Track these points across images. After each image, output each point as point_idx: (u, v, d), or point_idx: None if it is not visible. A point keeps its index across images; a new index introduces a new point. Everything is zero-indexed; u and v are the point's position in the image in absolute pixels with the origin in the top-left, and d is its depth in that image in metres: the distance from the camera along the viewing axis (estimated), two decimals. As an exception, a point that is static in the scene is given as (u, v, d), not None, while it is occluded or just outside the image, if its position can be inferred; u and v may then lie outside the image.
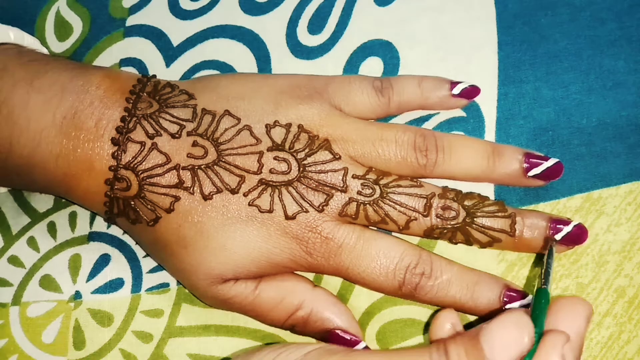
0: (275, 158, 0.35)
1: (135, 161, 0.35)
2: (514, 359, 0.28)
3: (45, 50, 0.42)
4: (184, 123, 0.36)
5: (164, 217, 0.35)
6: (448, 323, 0.32)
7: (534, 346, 0.28)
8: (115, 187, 0.35)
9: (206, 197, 0.35)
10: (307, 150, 0.35)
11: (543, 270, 0.33)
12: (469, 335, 0.29)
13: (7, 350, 0.39)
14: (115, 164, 0.35)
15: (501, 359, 0.28)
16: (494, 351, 0.28)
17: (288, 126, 0.36)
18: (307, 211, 0.35)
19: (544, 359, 0.28)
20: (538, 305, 0.31)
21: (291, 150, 0.35)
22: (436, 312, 0.36)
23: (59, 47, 0.45)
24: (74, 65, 0.38)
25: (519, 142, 0.38)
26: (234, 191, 0.35)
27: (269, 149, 0.35)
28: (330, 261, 0.35)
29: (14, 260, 0.41)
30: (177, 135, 0.35)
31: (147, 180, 0.35)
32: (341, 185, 0.35)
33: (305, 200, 0.35)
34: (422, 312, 0.36)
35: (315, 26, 0.42)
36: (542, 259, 0.34)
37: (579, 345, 0.30)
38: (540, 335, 0.29)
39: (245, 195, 0.35)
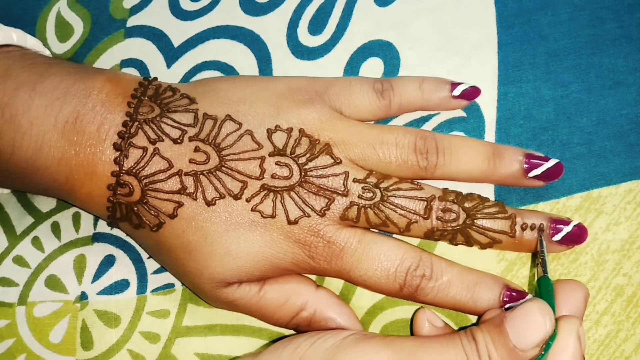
0: (277, 163, 0.35)
1: (138, 167, 0.35)
2: (537, 343, 0.30)
3: (47, 52, 0.42)
4: (186, 128, 0.36)
5: (168, 222, 0.35)
6: (425, 322, 0.35)
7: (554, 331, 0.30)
8: (118, 192, 0.35)
9: (209, 203, 0.35)
10: (308, 155, 0.36)
11: (540, 261, 0.34)
12: (494, 322, 0.31)
13: (16, 350, 0.40)
14: (118, 169, 0.35)
15: (526, 344, 0.30)
16: (519, 337, 0.30)
17: (289, 131, 0.36)
18: (309, 215, 0.35)
19: (565, 342, 0.30)
20: (546, 293, 0.32)
21: (292, 155, 0.36)
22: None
23: (59, 48, 0.44)
24: (76, 68, 0.38)
25: (519, 142, 0.38)
26: (236, 197, 0.35)
27: (271, 154, 0.36)
28: (332, 264, 0.35)
29: (19, 260, 0.41)
30: (179, 141, 0.35)
31: (150, 185, 0.35)
32: (342, 190, 0.35)
33: (307, 205, 0.35)
34: (423, 312, 0.37)
35: (315, 27, 0.42)
36: (537, 249, 0.35)
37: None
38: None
39: (247, 200, 0.35)
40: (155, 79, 0.39)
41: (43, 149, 0.35)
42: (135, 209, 0.35)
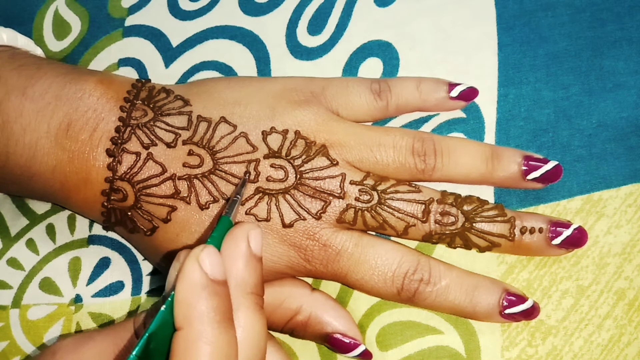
0: (272, 165, 0.35)
1: (131, 172, 0.35)
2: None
3: (39, 51, 0.41)
4: (179, 131, 0.35)
5: (162, 227, 0.35)
6: None
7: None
8: (112, 198, 0.35)
9: (203, 207, 0.34)
10: (304, 157, 0.35)
11: (230, 202, 0.33)
12: None
13: (9, 352, 0.39)
14: (111, 175, 0.35)
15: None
16: None
17: (285, 132, 0.35)
18: (304, 219, 0.35)
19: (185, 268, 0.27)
20: (218, 232, 0.30)
21: (288, 157, 0.35)
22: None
23: (57, 46, 0.44)
24: (66, 69, 0.37)
25: (519, 143, 0.38)
26: None
27: (266, 157, 0.35)
28: (328, 267, 0.35)
29: (13, 263, 0.41)
30: (172, 145, 0.35)
31: (144, 191, 0.35)
32: (339, 192, 0.35)
33: (302, 208, 0.35)
34: (421, 315, 0.36)
35: (315, 27, 0.42)
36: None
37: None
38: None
39: (242, 204, 0.35)
40: (149, 80, 0.38)
41: (37, 157, 0.35)
42: (129, 214, 0.35)
